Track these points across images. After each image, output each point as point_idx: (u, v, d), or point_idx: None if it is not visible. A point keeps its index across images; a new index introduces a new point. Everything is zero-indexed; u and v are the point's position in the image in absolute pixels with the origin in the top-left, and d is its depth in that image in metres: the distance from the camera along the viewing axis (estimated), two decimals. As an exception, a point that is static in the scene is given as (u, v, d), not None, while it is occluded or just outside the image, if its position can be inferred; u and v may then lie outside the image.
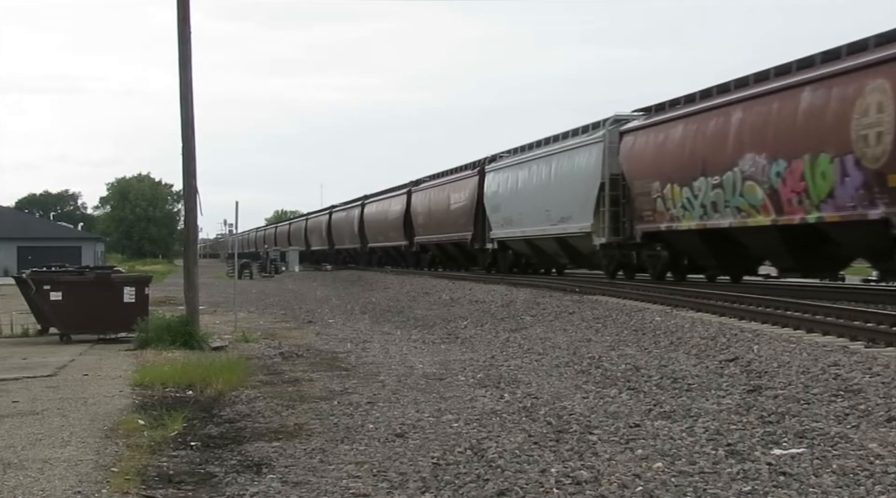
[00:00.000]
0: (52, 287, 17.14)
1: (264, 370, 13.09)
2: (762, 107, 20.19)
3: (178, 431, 8.56)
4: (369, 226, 58.92)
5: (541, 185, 32.08)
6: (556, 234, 30.79)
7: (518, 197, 34.13)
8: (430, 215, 45.65)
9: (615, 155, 26.76)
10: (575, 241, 29.57)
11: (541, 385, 10.90)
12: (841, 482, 6.26)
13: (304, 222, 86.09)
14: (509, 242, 35.91)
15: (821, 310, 15.66)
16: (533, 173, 33.02)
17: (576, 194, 28.75)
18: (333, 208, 73.47)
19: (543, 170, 32.10)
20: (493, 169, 37.80)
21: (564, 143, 30.80)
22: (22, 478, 6.77)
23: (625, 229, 26.60)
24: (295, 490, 6.52)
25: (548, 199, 31.18)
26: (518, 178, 34.46)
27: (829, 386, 9.66)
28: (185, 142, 17.25)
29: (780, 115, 19.49)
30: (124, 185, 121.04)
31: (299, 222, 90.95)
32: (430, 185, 47.51)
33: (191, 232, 17.93)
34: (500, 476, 6.66)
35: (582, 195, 28.27)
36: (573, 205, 29.00)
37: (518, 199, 34.09)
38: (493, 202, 36.96)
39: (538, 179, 32.44)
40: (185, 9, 17.25)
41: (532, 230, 32.58)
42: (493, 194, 37.07)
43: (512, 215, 34.61)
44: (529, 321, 18.97)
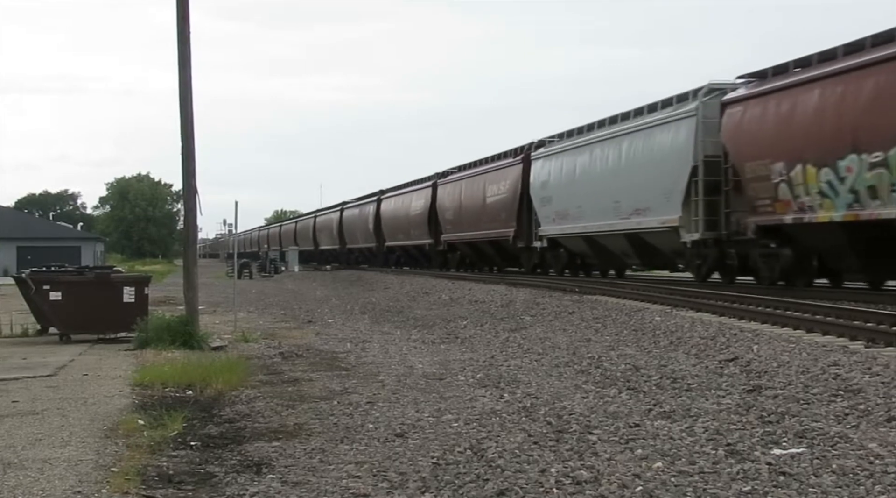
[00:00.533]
0: (52, 287, 17.14)
1: (264, 370, 13.09)
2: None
3: (177, 430, 8.56)
4: (387, 223, 54.48)
5: (607, 172, 27.44)
6: (628, 230, 26.28)
7: (575, 187, 29.50)
8: (462, 210, 41.00)
9: (712, 132, 22.23)
10: (653, 237, 25.25)
11: (540, 385, 10.90)
12: (841, 482, 6.26)
13: (313, 220, 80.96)
14: (563, 240, 31.29)
15: (821, 310, 15.65)
16: (596, 158, 28.39)
17: (656, 181, 24.23)
18: (345, 205, 68.68)
19: (611, 153, 27.40)
20: (541, 156, 32.92)
21: (640, 120, 25.92)
22: (22, 478, 6.77)
23: (728, 223, 21.98)
24: (295, 490, 6.52)
25: (617, 189, 26.62)
26: (576, 165, 29.78)
27: (828, 386, 9.66)
28: (185, 141, 17.25)
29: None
30: (124, 185, 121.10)
31: (307, 220, 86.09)
32: (460, 176, 42.55)
33: (190, 232, 17.92)
34: (500, 476, 6.66)
35: (665, 182, 23.81)
36: (652, 194, 24.53)
37: (575, 190, 29.49)
38: (541, 194, 32.33)
39: (603, 165, 27.85)
40: (184, 8, 17.25)
41: (594, 225, 28.09)
42: (541, 185, 32.37)
43: (567, 208, 30.07)
44: (529, 321, 18.97)
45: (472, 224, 39.36)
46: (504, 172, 36.34)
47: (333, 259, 70.12)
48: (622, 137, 26.80)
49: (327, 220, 74.25)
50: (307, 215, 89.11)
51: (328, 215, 74.74)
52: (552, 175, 31.61)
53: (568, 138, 31.44)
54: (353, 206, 65.87)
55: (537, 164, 33.12)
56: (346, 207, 68.09)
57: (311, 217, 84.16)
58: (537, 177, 32.88)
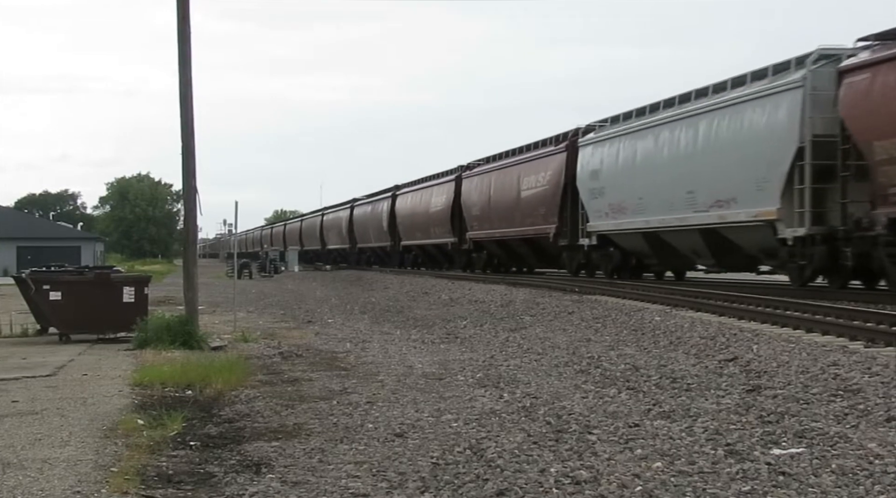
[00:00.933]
0: (52, 287, 17.13)
1: (264, 370, 13.09)
2: None
3: (177, 430, 8.56)
4: (403, 221, 50.57)
5: (679, 158, 23.62)
6: (704, 225, 22.57)
7: (635, 176, 25.71)
8: (491, 206, 37.02)
9: (824, 106, 18.78)
10: (737, 234, 21.69)
11: (540, 385, 10.90)
12: (840, 482, 6.26)
13: (320, 218, 76.35)
14: (616, 237, 27.58)
15: (820, 310, 15.65)
16: (663, 142, 24.44)
17: (745, 167, 20.64)
18: (356, 202, 64.41)
19: (683, 136, 23.51)
20: (591, 142, 29.01)
21: (722, 96, 22.30)
22: (21, 478, 6.77)
23: (846, 215, 18.31)
24: (294, 490, 6.52)
25: (691, 177, 22.94)
26: (636, 151, 25.94)
27: (828, 386, 9.66)
28: (185, 141, 17.25)
29: None
30: (124, 184, 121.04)
31: (313, 219, 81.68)
32: (489, 168, 38.40)
33: (190, 232, 17.92)
34: (500, 476, 6.65)
35: (757, 168, 20.23)
36: (739, 183, 20.88)
37: (635, 179, 25.71)
38: (591, 185, 28.46)
39: (673, 150, 23.96)
40: (184, 8, 17.25)
41: (659, 220, 24.39)
42: (591, 175, 28.46)
43: (624, 201, 26.33)
44: (529, 321, 18.96)
45: (503, 221, 35.49)
46: (544, 162, 32.31)
47: (342, 260, 67.48)
48: (699, 117, 22.90)
49: (336, 218, 70.18)
50: (313, 213, 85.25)
51: (337, 213, 70.56)
52: (605, 163, 27.80)
53: (625, 121, 27.42)
54: (364, 203, 62.05)
55: (586, 152, 29.17)
56: (356, 204, 64.08)
57: (317, 215, 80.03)
58: (586, 166, 28.99)
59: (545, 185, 31.88)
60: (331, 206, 76.70)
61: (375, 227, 56.80)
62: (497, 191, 36.54)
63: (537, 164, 33.00)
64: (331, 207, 76.23)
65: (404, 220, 50.36)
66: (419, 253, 49.93)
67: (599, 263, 29.51)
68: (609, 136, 27.96)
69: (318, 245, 74.96)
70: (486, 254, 39.35)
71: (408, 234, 50.17)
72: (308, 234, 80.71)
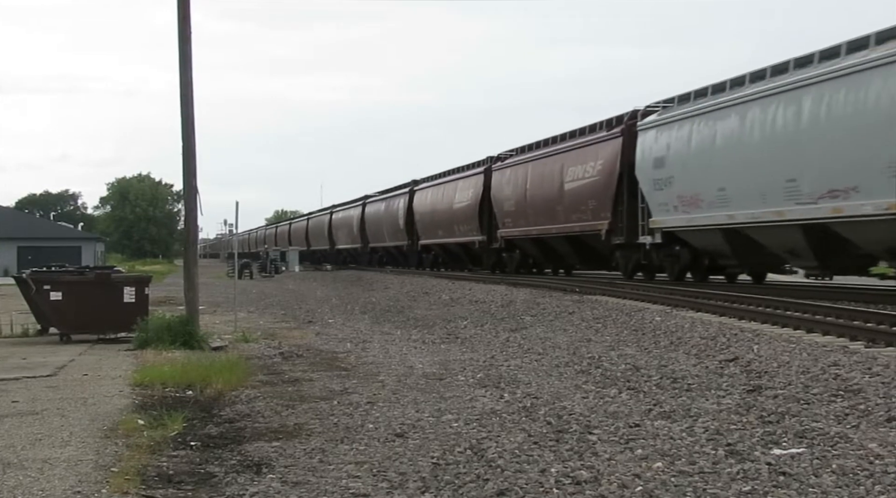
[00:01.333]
0: (53, 287, 17.14)
1: (264, 370, 13.09)
2: None
3: (177, 430, 8.56)
4: (422, 218, 46.94)
5: (775, 140, 19.91)
6: (811, 220, 18.88)
7: (715, 162, 21.98)
8: (527, 200, 33.28)
9: None
10: (859, 229, 18.03)
11: (541, 385, 10.90)
12: (840, 482, 6.25)
13: (328, 217, 72.39)
14: (687, 234, 23.67)
15: (821, 310, 15.65)
16: (753, 122, 20.56)
17: (874, 150, 17.02)
18: (368, 199, 61.11)
19: (781, 113, 19.75)
20: (653, 125, 25.04)
21: (836, 63, 18.40)
22: (22, 478, 6.77)
23: None
24: (294, 490, 6.52)
25: (793, 161, 19.28)
26: (715, 133, 21.99)
27: (828, 386, 9.66)
28: (186, 141, 17.25)
29: None
30: (124, 185, 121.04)
31: (320, 217, 78.10)
32: (524, 159, 34.70)
33: (191, 232, 17.93)
34: (500, 476, 6.65)
35: (891, 149, 16.65)
36: (863, 167, 17.34)
37: (714, 166, 21.97)
38: (655, 175, 24.49)
39: (766, 130, 20.17)
40: (185, 8, 17.25)
41: (750, 214, 20.57)
42: (655, 162, 24.54)
43: (700, 192, 22.54)
44: (529, 321, 18.96)
45: (542, 217, 31.85)
46: (594, 150, 28.54)
47: (353, 260, 65.09)
48: (803, 90, 19.22)
49: (346, 216, 66.36)
50: (320, 212, 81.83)
51: (347, 211, 66.47)
52: (673, 149, 23.85)
53: (698, 100, 23.49)
54: (377, 200, 58.08)
55: (647, 137, 25.29)
56: (369, 202, 60.28)
57: (325, 213, 76.18)
58: (648, 152, 25.07)
59: (595, 176, 28.18)
60: (340, 204, 72.83)
61: (390, 224, 53.44)
62: (535, 184, 32.84)
63: (586, 152, 29.15)
64: (340, 205, 72.34)
65: (423, 218, 46.83)
66: (440, 252, 46.42)
67: (663, 264, 25.86)
68: (678, 117, 24.02)
69: (327, 245, 72.42)
70: (520, 253, 35.91)
71: (427, 233, 46.54)
72: (315, 233, 77.94)
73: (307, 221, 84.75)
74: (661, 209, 24.48)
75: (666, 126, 24.58)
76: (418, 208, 47.84)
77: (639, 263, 26.97)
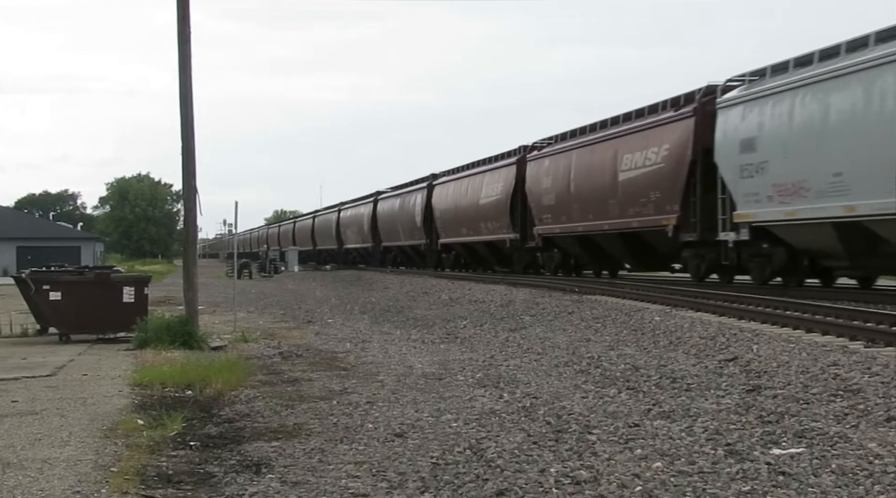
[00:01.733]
0: (52, 287, 17.14)
1: (263, 370, 13.09)
2: None
3: (177, 430, 8.56)
4: (443, 215, 43.24)
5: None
6: None
7: (828, 143, 18.36)
8: (571, 194, 29.63)
9: None
10: None
11: (540, 385, 10.90)
12: (840, 482, 6.26)
13: (336, 214, 67.49)
14: (783, 230, 20.20)
15: (820, 310, 15.65)
16: (882, 92, 17.03)
17: None
18: (380, 195, 57.44)
19: None
20: (739, 101, 21.43)
21: None
22: (21, 478, 6.77)
23: None
24: (294, 490, 6.52)
25: None
26: (828, 108, 18.37)
27: (828, 386, 9.66)
28: (185, 141, 17.25)
29: None
30: (124, 185, 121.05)
31: (327, 215, 74.15)
32: (565, 147, 30.83)
33: (190, 232, 17.93)
34: (500, 476, 6.65)
35: None
36: None
37: (827, 148, 18.36)
38: (741, 159, 20.91)
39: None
40: (184, 8, 17.25)
41: (879, 205, 17.14)
42: (742, 146, 20.91)
43: (803, 179, 19.01)
44: (529, 321, 18.96)
45: (590, 212, 28.32)
46: (657, 133, 24.77)
47: (362, 260, 62.41)
48: None
49: (356, 214, 62.51)
50: (328, 209, 77.70)
51: (357, 209, 62.81)
52: (767, 128, 20.25)
53: (798, 69, 19.74)
54: (391, 195, 54.51)
55: (730, 115, 21.67)
56: (381, 198, 56.52)
57: (333, 211, 72.20)
58: (732, 134, 21.47)
59: (660, 163, 24.43)
60: (349, 201, 68.46)
61: (406, 222, 49.71)
62: (580, 175, 29.26)
63: (644, 137, 25.62)
64: (349, 202, 68.00)
65: (445, 215, 43.07)
66: (462, 252, 42.87)
67: (749, 265, 22.12)
68: (772, 90, 20.30)
69: (335, 244, 69.24)
70: (559, 254, 32.52)
71: (449, 231, 42.84)
72: (322, 232, 74.34)
73: (313, 220, 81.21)
74: (750, 200, 20.89)
75: (755, 102, 20.87)
76: (438, 204, 44.14)
77: (715, 264, 23.49)
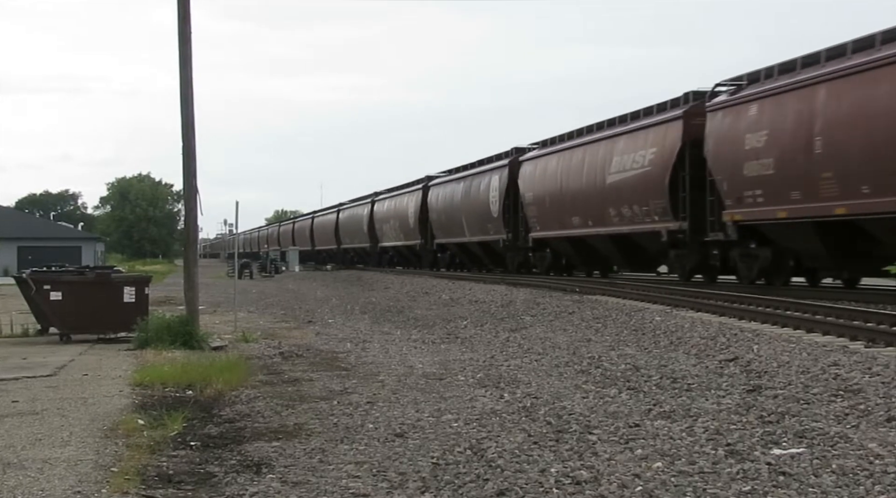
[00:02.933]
0: (53, 287, 17.13)
1: (264, 370, 13.08)
2: None
3: (177, 430, 8.56)
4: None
5: None
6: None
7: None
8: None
9: None
10: None
11: (540, 385, 10.89)
12: (840, 482, 6.25)
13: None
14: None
15: (821, 310, 15.65)
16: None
17: None
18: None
19: None
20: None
21: None
22: (21, 478, 6.77)
23: None
24: (294, 490, 6.52)
25: None
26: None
27: (828, 386, 9.66)
28: (186, 142, 17.24)
29: None
30: (124, 185, 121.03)
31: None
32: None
33: (191, 232, 17.93)
34: (500, 476, 6.65)
35: None
36: None
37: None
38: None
39: None
40: (185, 8, 17.25)
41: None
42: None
43: None
44: (529, 321, 18.96)
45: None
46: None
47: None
48: None
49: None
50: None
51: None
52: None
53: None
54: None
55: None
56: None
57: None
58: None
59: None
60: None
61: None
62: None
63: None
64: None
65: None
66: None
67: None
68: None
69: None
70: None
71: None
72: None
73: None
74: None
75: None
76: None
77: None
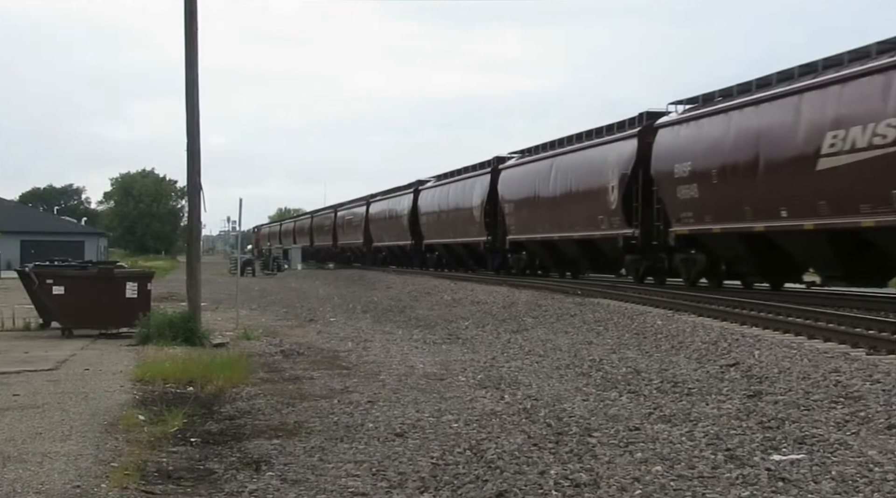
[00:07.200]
0: (55, 281, 17.15)
1: (265, 368, 13.09)
2: None
3: (178, 427, 8.56)
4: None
5: None
6: None
7: None
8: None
9: None
10: None
11: (541, 387, 10.89)
12: (840, 489, 6.25)
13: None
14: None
15: (822, 316, 15.65)
16: None
17: None
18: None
19: None
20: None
21: None
22: (21, 471, 6.77)
23: None
24: (294, 488, 6.52)
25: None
26: None
27: (829, 392, 9.66)
28: (190, 139, 17.24)
29: None
30: (128, 180, 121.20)
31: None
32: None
33: (194, 228, 17.94)
34: (499, 477, 6.66)
35: None
36: None
37: None
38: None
39: None
40: (192, 4, 17.24)
41: None
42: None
43: None
44: (531, 323, 18.96)
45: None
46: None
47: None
48: None
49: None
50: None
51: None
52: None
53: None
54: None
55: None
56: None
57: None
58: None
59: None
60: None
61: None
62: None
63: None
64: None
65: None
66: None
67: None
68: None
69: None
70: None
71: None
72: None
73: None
74: None
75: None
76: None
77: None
